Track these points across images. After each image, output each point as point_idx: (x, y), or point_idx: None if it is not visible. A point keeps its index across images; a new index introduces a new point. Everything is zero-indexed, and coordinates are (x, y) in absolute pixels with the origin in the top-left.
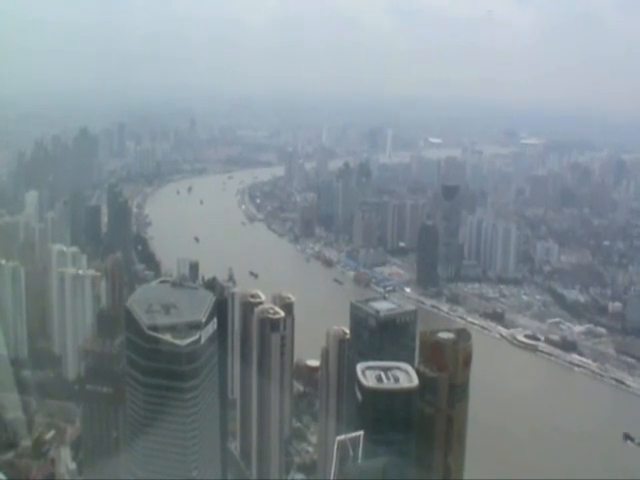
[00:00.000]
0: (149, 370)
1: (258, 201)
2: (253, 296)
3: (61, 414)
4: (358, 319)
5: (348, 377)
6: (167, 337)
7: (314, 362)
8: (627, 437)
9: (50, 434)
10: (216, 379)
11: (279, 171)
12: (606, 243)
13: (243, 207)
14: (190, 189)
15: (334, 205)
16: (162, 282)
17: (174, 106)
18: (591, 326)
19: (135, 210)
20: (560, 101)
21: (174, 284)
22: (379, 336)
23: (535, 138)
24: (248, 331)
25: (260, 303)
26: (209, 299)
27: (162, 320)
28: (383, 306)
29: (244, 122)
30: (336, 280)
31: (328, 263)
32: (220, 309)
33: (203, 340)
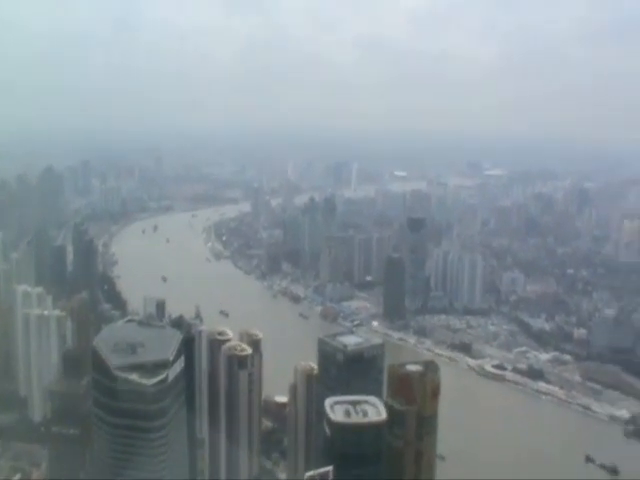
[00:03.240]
0: (116, 410)
1: (224, 238)
2: (220, 333)
3: (27, 457)
4: (326, 354)
5: (317, 412)
6: (134, 376)
7: (282, 398)
8: (589, 459)
9: (16, 478)
10: (184, 418)
11: (245, 207)
12: (570, 271)
13: (209, 244)
14: (156, 227)
15: (300, 240)
16: (129, 321)
17: (139, 143)
18: (557, 354)
19: (101, 249)
20: (523, 132)
21: (141, 323)
22: (347, 370)
23: (499, 169)
24: (216, 369)
25: (227, 340)
26: (176, 337)
27: (129, 359)
28: (350, 340)
29: (210, 159)
30: (303, 316)
31: (295, 299)
32: (187, 347)
33: (170, 379)
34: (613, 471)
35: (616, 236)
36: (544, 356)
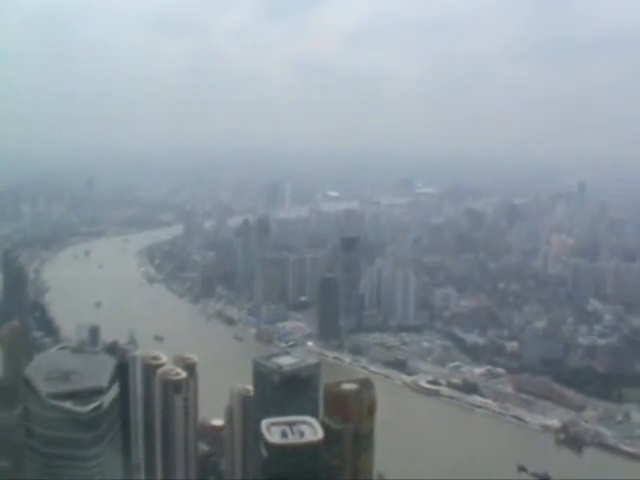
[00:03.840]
0: (50, 440)
1: (157, 262)
2: (155, 358)
3: None
4: (261, 375)
5: (253, 434)
6: (68, 405)
7: (219, 421)
8: (521, 469)
9: None
10: (119, 445)
11: (178, 230)
12: (501, 285)
13: (142, 269)
14: (88, 252)
15: (234, 262)
16: (62, 348)
17: (69, 167)
18: (490, 367)
19: (32, 276)
20: (453, 150)
21: (74, 350)
22: (283, 391)
23: (430, 187)
24: (151, 394)
25: (162, 365)
26: (110, 363)
27: (62, 387)
28: (286, 361)
29: (142, 182)
30: (238, 338)
31: (229, 321)
32: (122, 373)
33: (105, 406)
34: (545, 479)
35: (545, 249)
36: (478, 370)
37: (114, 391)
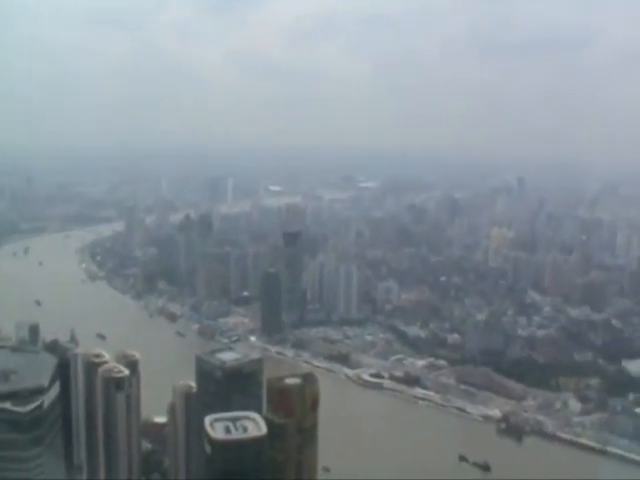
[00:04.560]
0: None
1: (99, 258)
2: (97, 356)
3: None
4: (204, 371)
5: (197, 431)
6: (7, 405)
7: (162, 418)
8: (462, 458)
9: None
10: (61, 445)
11: (120, 226)
12: (443, 279)
13: (84, 265)
14: (27, 250)
15: (176, 258)
16: (0, 348)
17: (6, 165)
18: (432, 359)
19: None
20: (395, 146)
21: (13, 349)
22: (226, 387)
23: (372, 182)
24: (92, 392)
25: (104, 362)
26: (51, 362)
27: (1, 387)
28: (228, 357)
29: (82, 178)
30: (180, 334)
31: (172, 317)
32: (63, 372)
33: (46, 405)
34: (485, 468)
35: (485, 243)
36: (420, 362)
37: (55, 390)
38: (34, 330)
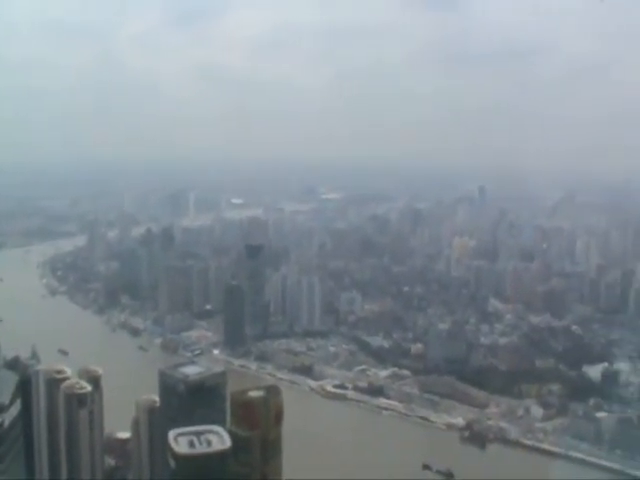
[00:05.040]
0: None
1: (60, 273)
2: (58, 372)
3: None
4: (167, 385)
5: (160, 446)
6: None
7: (125, 434)
8: (426, 467)
9: None
10: (22, 463)
11: (81, 241)
12: (406, 289)
13: (44, 280)
14: None
15: (138, 272)
16: None
17: None
18: (396, 369)
19: None
20: (357, 158)
21: None
22: (189, 401)
23: (334, 193)
24: (55, 409)
25: (66, 379)
26: (11, 380)
27: None
28: (192, 370)
29: (43, 193)
30: (143, 348)
31: (134, 332)
32: (24, 389)
33: (6, 424)
34: (448, 475)
35: (447, 253)
36: (383, 373)
37: (16, 408)
38: None
